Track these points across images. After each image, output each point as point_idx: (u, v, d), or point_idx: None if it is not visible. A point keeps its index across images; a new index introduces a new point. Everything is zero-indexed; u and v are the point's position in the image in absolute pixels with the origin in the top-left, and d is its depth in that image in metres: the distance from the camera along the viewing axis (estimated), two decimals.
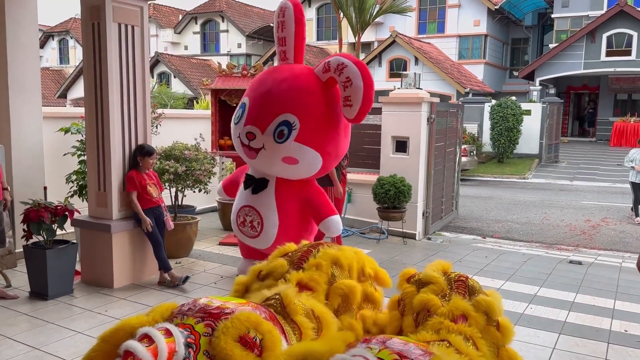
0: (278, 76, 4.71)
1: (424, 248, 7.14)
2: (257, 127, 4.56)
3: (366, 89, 4.28)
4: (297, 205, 4.91)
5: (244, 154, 4.78)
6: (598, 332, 4.32)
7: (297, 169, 4.69)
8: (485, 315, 2.65)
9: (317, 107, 4.58)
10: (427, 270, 2.91)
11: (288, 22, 4.77)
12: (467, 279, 2.83)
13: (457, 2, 28.04)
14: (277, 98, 4.56)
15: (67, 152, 6.11)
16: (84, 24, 5.02)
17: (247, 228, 4.95)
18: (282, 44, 4.87)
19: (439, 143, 7.91)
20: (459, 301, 2.66)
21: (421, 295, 2.76)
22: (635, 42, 22.39)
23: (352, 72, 4.32)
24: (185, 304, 2.31)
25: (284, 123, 4.48)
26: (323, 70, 4.56)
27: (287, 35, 4.81)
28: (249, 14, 35.41)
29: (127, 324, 2.19)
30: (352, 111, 4.36)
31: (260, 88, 4.73)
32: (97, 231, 5.10)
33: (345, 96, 4.36)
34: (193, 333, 2.09)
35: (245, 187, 4.98)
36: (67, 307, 4.60)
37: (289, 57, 4.88)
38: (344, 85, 4.35)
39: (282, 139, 4.49)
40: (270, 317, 2.32)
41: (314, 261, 2.91)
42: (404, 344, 2.10)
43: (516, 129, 17.49)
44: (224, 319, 2.12)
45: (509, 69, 31.65)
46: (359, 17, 12.24)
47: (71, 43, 39.33)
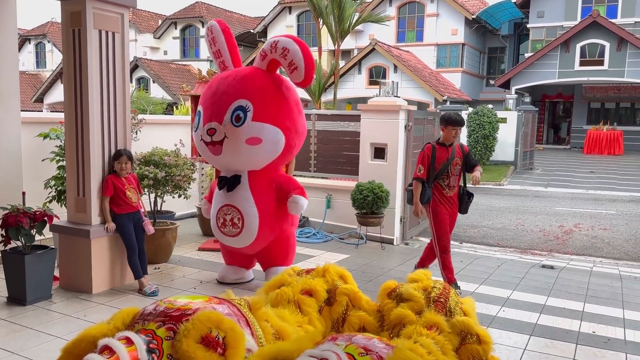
0: (222, 76, 5.08)
1: (402, 253, 7.26)
2: (214, 121, 4.82)
3: (302, 49, 4.68)
4: (272, 195, 5.10)
5: (210, 153, 4.96)
6: (567, 333, 4.46)
7: (263, 149, 4.88)
8: (461, 336, 2.71)
9: (264, 87, 4.90)
10: (408, 287, 2.94)
11: (217, 35, 5.25)
12: (446, 301, 2.85)
13: (435, 12, 28.45)
14: (226, 91, 4.87)
15: (46, 157, 6.09)
16: (64, 30, 5.04)
17: (228, 227, 5.07)
18: (218, 56, 5.30)
19: (416, 150, 8.04)
20: (432, 315, 2.72)
21: (399, 309, 2.81)
22: (607, 52, 22.98)
23: (285, 42, 4.73)
24: (146, 307, 2.28)
25: (238, 108, 4.77)
26: (261, 59, 4.96)
27: (220, 47, 5.26)
28: (229, 20, 35.38)
29: (89, 334, 2.18)
30: (299, 72, 4.67)
31: (208, 92, 5.06)
32: (76, 236, 5.09)
33: (289, 63, 4.70)
34: (155, 338, 2.08)
35: (220, 188, 5.12)
36: (46, 312, 4.59)
37: (228, 65, 5.27)
38: (283, 56, 4.71)
39: (239, 122, 4.74)
40: (234, 313, 2.34)
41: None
42: (367, 339, 2.18)
43: (492, 137, 17.81)
44: (185, 320, 2.12)
45: (485, 77, 32.17)
46: (338, 25, 12.37)
47: (48, 47, 38.85)
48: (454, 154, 5.38)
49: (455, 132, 5.35)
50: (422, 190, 5.33)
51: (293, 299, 2.74)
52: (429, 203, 5.39)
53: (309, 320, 2.68)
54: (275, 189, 5.11)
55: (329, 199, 8.11)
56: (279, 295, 2.74)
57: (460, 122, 5.34)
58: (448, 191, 5.41)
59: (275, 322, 2.52)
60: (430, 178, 5.35)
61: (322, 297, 2.84)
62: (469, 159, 5.54)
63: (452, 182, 5.41)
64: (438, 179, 5.37)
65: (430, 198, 5.35)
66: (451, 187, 5.41)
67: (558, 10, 26.30)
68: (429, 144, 5.47)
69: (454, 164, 5.38)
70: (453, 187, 5.43)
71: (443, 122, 5.38)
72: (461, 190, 5.51)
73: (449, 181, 5.39)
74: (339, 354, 2.05)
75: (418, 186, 5.37)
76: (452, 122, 5.31)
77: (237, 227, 5.02)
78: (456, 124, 5.32)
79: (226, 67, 5.26)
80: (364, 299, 3.03)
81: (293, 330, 2.54)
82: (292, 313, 2.67)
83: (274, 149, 4.95)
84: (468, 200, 5.52)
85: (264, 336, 2.42)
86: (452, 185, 5.42)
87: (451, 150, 5.38)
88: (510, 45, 31.65)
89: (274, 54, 4.80)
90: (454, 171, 5.40)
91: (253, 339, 2.35)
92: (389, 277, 5.81)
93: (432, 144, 5.44)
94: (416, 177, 5.42)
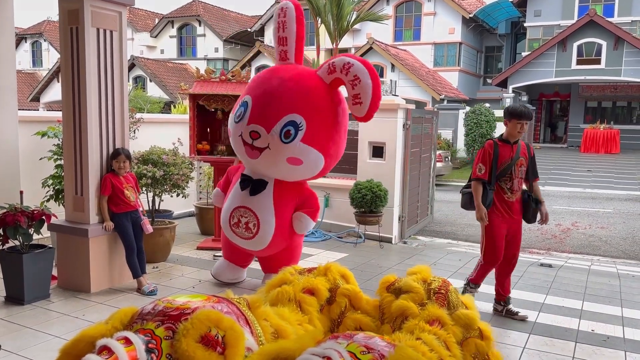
0: (283, 75, 4.66)
1: (400, 252, 7.26)
2: (262, 126, 4.50)
3: (374, 86, 4.32)
4: (292, 208, 4.95)
5: (245, 153, 4.69)
6: (567, 331, 4.47)
7: (300, 170, 4.70)
8: (464, 328, 2.71)
9: (323, 108, 4.61)
10: (408, 279, 2.94)
11: (289, 21, 4.77)
12: (447, 293, 2.85)
13: (432, 10, 28.47)
14: (283, 97, 4.52)
15: (44, 156, 6.07)
16: (62, 28, 5.01)
17: (241, 229, 4.90)
18: (283, 43, 4.85)
19: (414, 149, 8.06)
20: (435, 309, 2.71)
21: (400, 301, 2.81)
22: (604, 51, 23.03)
23: (359, 70, 4.34)
24: (145, 307, 2.27)
25: (290, 123, 4.46)
26: (328, 72, 4.56)
27: (289, 35, 4.80)
28: (226, 18, 35.37)
29: (87, 335, 2.16)
30: (362, 109, 4.37)
31: (263, 86, 4.67)
32: (74, 235, 5.08)
33: (355, 94, 4.37)
34: (154, 338, 2.06)
35: (243, 188, 4.90)
36: (44, 311, 4.57)
37: (290, 57, 4.85)
38: (352, 84, 4.37)
39: (288, 139, 4.47)
40: (233, 311, 2.33)
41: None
42: (369, 337, 2.18)
43: (490, 136, 17.84)
44: (184, 320, 2.10)
45: (482, 76, 32.22)
46: (336, 24, 12.37)
47: (45, 46, 38.74)
48: (519, 153, 4.67)
49: (521, 127, 4.59)
50: (484, 192, 4.63)
51: (294, 297, 2.73)
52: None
53: (309, 320, 2.68)
54: (298, 202, 4.97)
55: (328, 197, 8.11)
56: (279, 294, 2.73)
57: (527, 114, 4.60)
58: (510, 196, 4.67)
59: (275, 321, 2.51)
60: (492, 179, 4.64)
61: (324, 296, 2.84)
62: (532, 164, 4.79)
63: (515, 185, 4.67)
64: (499, 180, 4.67)
65: (492, 202, 4.65)
66: (514, 191, 4.68)
67: (555, 9, 26.35)
68: (490, 139, 4.79)
69: (518, 164, 4.66)
70: (516, 191, 4.70)
71: (507, 114, 4.68)
72: (526, 195, 4.76)
73: (511, 184, 4.65)
74: (342, 352, 2.05)
75: (478, 187, 4.64)
76: (518, 115, 4.58)
77: (251, 232, 4.85)
78: (522, 116, 4.57)
79: (287, 58, 4.85)
80: (364, 299, 3.03)
81: (292, 330, 2.53)
82: (293, 312, 2.66)
83: (312, 171, 4.80)
84: (536, 207, 4.73)
85: (263, 335, 2.42)
86: (516, 189, 4.69)
87: (516, 149, 4.67)
88: (507, 44, 31.70)
89: (344, 77, 4.43)
90: (518, 173, 4.67)
91: (253, 337, 2.34)
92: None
93: (493, 140, 4.75)
94: (476, 177, 4.68)
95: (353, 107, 4.44)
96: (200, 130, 6.88)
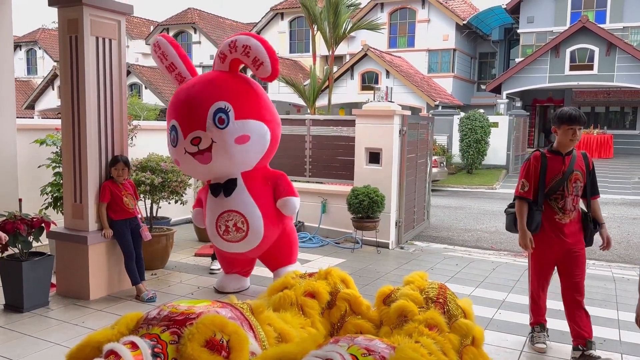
0: (187, 85, 4.94)
1: (397, 257, 7.30)
2: (196, 129, 4.70)
3: (262, 43, 4.66)
4: (270, 192, 5.09)
5: (198, 162, 4.80)
6: (563, 335, 4.50)
7: (252, 146, 4.82)
8: (462, 337, 2.75)
9: (236, 85, 4.86)
10: (404, 290, 2.98)
11: (166, 49, 5.10)
12: (445, 301, 2.89)
13: (426, 18, 28.65)
14: (198, 97, 4.76)
15: (42, 164, 6.09)
16: (61, 36, 5.05)
17: (232, 234, 4.96)
18: (172, 69, 5.14)
19: (410, 154, 8.12)
20: (436, 314, 2.75)
21: (399, 302, 2.86)
22: (597, 57, 23.23)
23: (244, 40, 4.67)
24: (150, 312, 2.31)
25: (218, 111, 4.67)
26: (221, 61, 4.90)
27: (173, 59, 5.11)
28: (222, 25, 35.46)
29: (93, 339, 2.21)
30: (265, 67, 4.64)
31: (177, 103, 4.91)
32: (73, 243, 5.09)
33: (253, 60, 4.65)
34: (160, 342, 2.11)
35: (216, 194, 4.99)
36: (44, 319, 4.58)
37: (186, 75, 5.12)
38: (245, 53, 4.66)
39: (224, 124, 4.66)
40: (237, 316, 2.37)
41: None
42: (369, 340, 2.23)
43: (484, 141, 17.95)
44: (189, 324, 2.15)
45: (476, 82, 32.40)
46: (333, 31, 12.44)
47: (39, 53, 38.73)
48: (572, 166, 3.92)
49: (573, 134, 3.84)
50: (529, 214, 3.95)
51: (296, 301, 2.77)
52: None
53: (311, 323, 2.71)
54: (272, 186, 5.10)
55: (325, 203, 8.14)
56: (281, 299, 2.77)
57: (578, 118, 3.82)
58: (562, 217, 3.95)
59: (278, 325, 2.55)
60: (539, 197, 3.94)
61: (325, 299, 2.88)
62: (591, 177, 4.03)
63: (568, 204, 3.93)
64: (549, 199, 3.96)
65: (539, 225, 3.96)
66: (567, 211, 3.94)
67: (548, 16, 26.57)
68: (537, 151, 4.04)
69: (572, 179, 3.92)
70: (570, 211, 3.95)
71: (556, 120, 3.92)
72: (584, 216, 4.05)
73: (564, 203, 3.92)
74: (343, 354, 2.09)
75: (523, 208, 3.96)
76: (568, 119, 3.82)
77: (242, 231, 4.94)
78: (573, 121, 3.81)
79: (184, 78, 5.11)
80: (364, 304, 3.06)
81: (296, 333, 2.57)
82: (295, 316, 2.70)
83: (263, 143, 4.91)
84: (594, 230, 4.04)
85: (266, 339, 2.45)
86: (569, 208, 3.94)
87: (569, 161, 3.92)
88: (500, 50, 31.92)
89: (235, 54, 4.75)
90: (572, 189, 3.92)
91: (256, 342, 2.38)
92: (385, 281, 5.86)
93: (541, 151, 4.02)
94: (519, 195, 3.99)
95: (258, 71, 4.69)
96: None
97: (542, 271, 4.14)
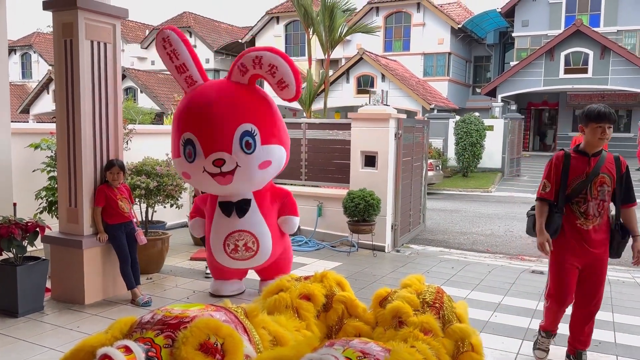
0: (209, 97, 4.58)
1: (393, 260, 7.30)
2: (221, 151, 4.47)
3: (290, 65, 4.48)
4: (275, 212, 5.16)
5: (217, 183, 4.60)
6: (559, 337, 4.50)
7: (272, 170, 4.80)
8: (457, 342, 2.75)
9: (260, 105, 4.72)
10: (400, 293, 2.98)
11: (177, 47, 4.64)
12: (441, 306, 2.89)
13: (421, 21, 28.74)
14: (224, 116, 4.48)
15: (37, 168, 6.07)
16: (56, 40, 5.04)
17: (241, 252, 4.94)
18: (183, 70, 4.73)
19: (406, 158, 8.13)
20: (431, 319, 2.75)
21: (395, 302, 2.86)
22: (591, 61, 23.37)
23: (272, 58, 4.46)
24: (144, 316, 2.31)
25: (245, 134, 4.50)
26: (241, 74, 4.63)
27: (184, 60, 4.69)
28: (217, 29, 35.50)
29: (87, 344, 2.20)
30: (290, 90, 4.52)
31: (198, 117, 4.55)
32: (68, 247, 5.07)
33: (278, 81, 4.49)
34: (154, 346, 2.11)
35: (228, 214, 4.88)
36: (38, 324, 4.56)
37: (197, 79, 4.76)
38: (270, 73, 4.48)
39: (251, 149, 4.54)
40: (231, 320, 2.36)
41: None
42: (364, 343, 2.23)
43: (479, 144, 17.98)
44: (183, 328, 2.15)
45: (472, 85, 32.50)
46: (328, 35, 12.47)
47: (34, 57, 38.64)
48: (599, 168, 3.60)
49: (602, 132, 3.55)
50: (549, 216, 3.68)
51: (291, 304, 2.77)
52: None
53: (306, 325, 2.71)
54: (279, 204, 5.16)
55: (320, 207, 8.14)
56: (276, 302, 2.77)
57: (607, 115, 3.54)
58: (584, 222, 3.61)
59: (273, 328, 2.55)
60: (560, 200, 3.65)
61: (320, 301, 2.88)
62: (624, 183, 3.69)
63: (591, 209, 3.60)
64: (570, 202, 3.65)
65: (559, 229, 3.66)
66: (590, 216, 3.60)
67: (542, 20, 26.71)
68: (562, 150, 3.78)
69: (597, 182, 3.59)
70: (593, 217, 3.60)
71: (582, 118, 3.64)
72: (612, 223, 3.69)
73: (586, 207, 3.59)
74: (338, 357, 2.09)
75: (543, 209, 3.70)
76: (595, 117, 3.54)
77: (252, 250, 4.95)
78: (602, 118, 3.53)
79: (195, 82, 4.74)
80: (360, 307, 3.06)
81: (291, 336, 2.57)
82: (290, 318, 2.70)
83: (279, 166, 4.89)
84: (622, 240, 3.67)
85: (261, 342, 2.45)
86: (592, 214, 3.60)
87: (595, 162, 3.61)
88: (495, 53, 32.03)
89: (259, 70, 4.49)
90: (597, 193, 3.59)
91: (251, 345, 2.38)
92: (381, 284, 5.86)
93: (565, 151, 3.76)
94: (539, 196, 3.75)
95: (281, 92, 4.56)
96: None
97: (561, 278, 3.75)
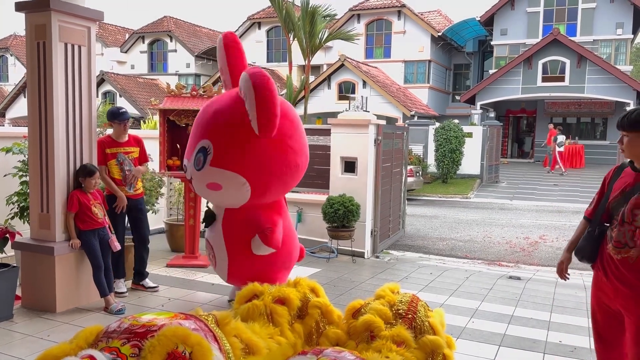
0: (204, 106, 4.74)
1: (372, 266, 7.29)
2: (186, 158, 4.70)
3: (260, 98, 3.94)
4: (247, 235, 4.58)
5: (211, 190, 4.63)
6: (535, 343, 4.54)
7: (224, 195, 4.48)
8: (428, 354, 2.73)
9: (232, 123, 4.28)
10: (373, 305, 2.95)
11: (219, 50, 4.96)
12: (414, 317, 2.86)
13: (402, 29, 28.97)
14: (198, 125, 4.60)
15: (8, 172, 5.92)
16: (28, 42, 4.93)
17: (212, 262, 5.07)
18: (222, 73, 5.02)
19: (386, 164, 8.14)
20: (402, 330, 2.73)
21: (366, 316, 2.83)
22: (568, 69, 23.76)
23: (244, 84, 4.07)
24: (110, 325, 2.25)
25: (200, 150, 4.41)
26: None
27: (221, 64, 4.96)
28: (198, 34, 35.32)
29: (50, 354, 2.14)
30: (254, 124, 4.09)
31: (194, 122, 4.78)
32: (39, 254, 4.95)
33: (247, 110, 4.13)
34: (120, 355, 2.06)
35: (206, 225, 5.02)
36: (7, 332, 4.43)
37: (228, 85, 4.94)
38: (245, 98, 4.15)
39: (199, 166, 4.40)
40: (200, 328, 2.32)
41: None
42: (337, 352, 2.20)
43: (459, 151, 18.12)
44: (150, 337, 2.10)
45: (451, 93, 32.83)
46: (309, 41, 12.47)
47: (11, 60, 38.03)
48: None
49: None
50: (586, 236, 3.05)
51: (265, 310, 2.72)
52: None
53: (280, 332, 2.67)
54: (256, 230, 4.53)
55: (300, 213, 8.10)
56: (250, 310, 2.72)
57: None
58: (612, 249, 2.84)
59: (246, 336, 2.50)
60: (594, 219, 3.04)
61: (295, 305, 2.84)
62: None
63: (622, 236, 2.79)
64: (610, 223, 2.94)
65: (592, 254, 3.01)
66: (621, 244, 2.79)
67: (520, 28, 27.11)
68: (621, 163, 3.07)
69: (634, 204, 2.75)
70: (624, 245, 2.77)
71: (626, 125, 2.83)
72: None
73: (617, 233, 2.81)
74: None
75: (579, 227, 3.20)
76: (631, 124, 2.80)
77: (213, 262, 5.03)
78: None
79: (226, 86, 4.99)
80: (335, 313, 3.03)
81: (264, 344, 2.52)
82: (263, 326, 2.65)
83: (237, 196, 4.44)
84: None
85: (232, 351, 2.40)
86: (624, 242, 2.78)
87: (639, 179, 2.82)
88: (474, 62, 32.42)
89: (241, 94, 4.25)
90: (631, 218, 2.75)
91: (221, 353, 2.33)
92: (360, 291, 5.84)
93: (624, 163, 3.02)
94: (585, 213, 3.21)
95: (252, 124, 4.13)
96: (170, 145, 6.83)
97: (591, 317, 3.16)
